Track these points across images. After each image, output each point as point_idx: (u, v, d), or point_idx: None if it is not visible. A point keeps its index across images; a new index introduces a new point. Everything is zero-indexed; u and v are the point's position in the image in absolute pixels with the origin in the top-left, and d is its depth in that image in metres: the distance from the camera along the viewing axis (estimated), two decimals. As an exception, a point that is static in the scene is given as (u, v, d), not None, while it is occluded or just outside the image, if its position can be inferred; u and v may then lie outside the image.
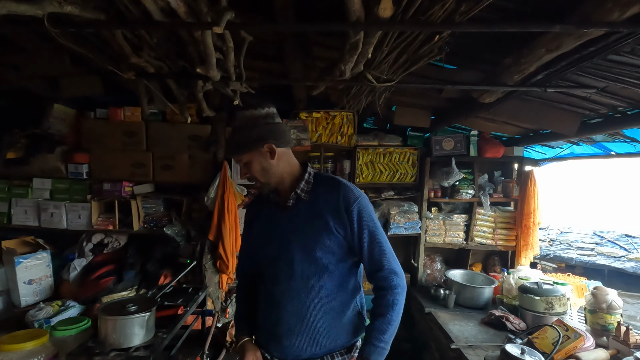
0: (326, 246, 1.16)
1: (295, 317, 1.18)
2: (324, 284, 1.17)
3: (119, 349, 1.33)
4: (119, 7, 1.19)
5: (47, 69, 2.23)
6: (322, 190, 1.20)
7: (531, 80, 1.68)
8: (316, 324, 1.17)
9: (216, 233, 2.64)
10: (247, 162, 1.17)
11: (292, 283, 1.18)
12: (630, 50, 1.44)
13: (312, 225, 1.17)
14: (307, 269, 1.17)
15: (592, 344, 1.93)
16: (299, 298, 1.18)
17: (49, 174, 2.75)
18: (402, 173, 2.95)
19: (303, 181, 1.20)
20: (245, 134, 1.14)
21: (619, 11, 1.05)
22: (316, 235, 1.16)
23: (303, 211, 1.19)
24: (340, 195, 1.16)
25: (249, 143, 1.13)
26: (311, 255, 1.16)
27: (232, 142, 1.17)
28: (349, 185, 1.21)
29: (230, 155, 1.20)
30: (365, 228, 1.16)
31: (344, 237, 1.17)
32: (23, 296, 2.35)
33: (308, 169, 1.24)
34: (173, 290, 1.89)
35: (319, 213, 1.16)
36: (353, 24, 1.17)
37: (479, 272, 3.01)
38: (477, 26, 1.19)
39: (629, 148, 2.36)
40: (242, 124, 1.15)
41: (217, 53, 1.47)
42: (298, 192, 1.19)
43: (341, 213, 1.15)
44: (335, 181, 1.22)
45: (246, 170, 1.19)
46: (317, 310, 1.17)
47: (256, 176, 1.18)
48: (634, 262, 4.06)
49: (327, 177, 1.26)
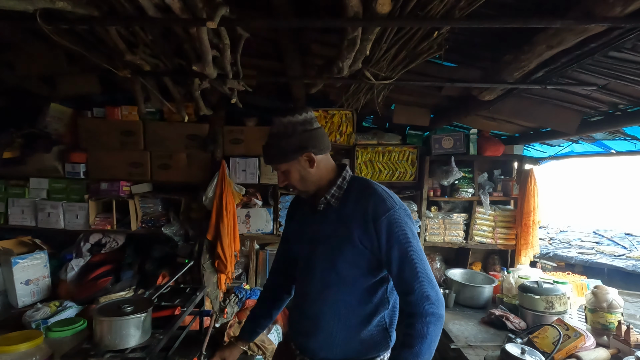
0: (349, 258, 1.09)
1: (312, 322, 1.16)
2: (343, 296, 1.12)
3: (114, 350, 1.31)
4: (113, 2, 1.17)
5: (43, 67, 2.21)
6: (353, 198, 1.12)
7: (531, 78, 1.66)
8: (332, 333, 1.13)
9: (214, 232, 2.63)
10: (285, 171, 1.13)
11: (312, 289, 1.16)
12: (631, 46, 1.42)
13: (336, 235, 1.11)
14: (326, 278, 1.13)
15: (593, 344, 1.91)
16: (317, 305, 1.15)
17: (45, 174, 2.73)
18: (402, 172, 2.94)
19: (335, 187, 1.14)
20: (283, 142, 1.09)
21: (621, 6, 1.04)
22: (339, 245, 1.10)
23: (331, 218, 1.14)
24: (369, 205, 1.07)
25: (288, 153, 1.09)
26: (333, 265, 1.11)
27: (270, 150, 1.13)
28: (383, 193, 1.10)
29: (268, 164, 1.16)
30: (396, 244, 1.04)
31: (370, 250, 1.08)
32: (20, 297, 2.34)
33: (343, 173, 1.17)
34: (170, 291, 1.87)
35: (345, 222, 1.10)
36: (351, 20, 1.16)
37: (479, 271, 3.00)
38: (476, 22, 1.17)
39: (630, 146, 2.34)
40: (280, 131, 1.10)
41: (214, 50, 1.46)
42: (328, 197, 1.14)
43: (368, 225, 1.06)
44: (369, 189, 1.12)
45: (284, 178, 1.15)
46: (334, 320, 1.13)
47: (294, 185, 1.15)
48: (634, 261, 4.04)
49: (362, 182, 1.16)
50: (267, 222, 2.91)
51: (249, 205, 2.89)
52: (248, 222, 2.90)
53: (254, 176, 2.82)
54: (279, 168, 1.14)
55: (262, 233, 2.93)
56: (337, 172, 1.18)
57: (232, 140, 2.78)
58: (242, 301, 2.72)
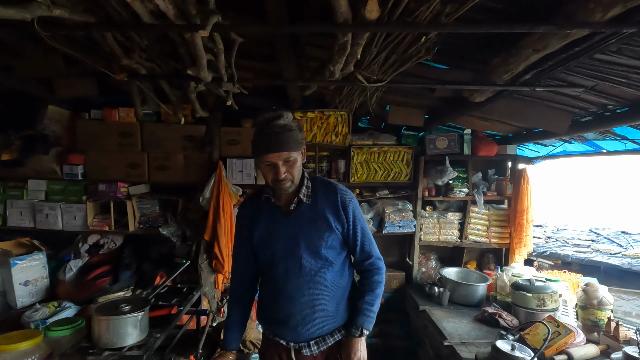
0: (328, 243, 1.30)
1: (308, 307, 1.30)
2: (328, 275, 1.32)
3: (112, 348, 1.34)
4: (109, 9, 1.20)
5: (41, 70, 2.23)
6: (321, 194, 1.33)
7: (520, 80, 1.69)
8: (326, 309, 1.32)
9: (212, 233, 2.65)
10: (293, 160, 1.24)
11: (302, 279, 1.30)
12: (616, 49, 1.46)
13: (316, 226, 1.30)
14: (314, 265, 1.30)
15: (583, 340, 1.95)
16: (310, 291, 1.30)
17: (44, 175, 2.75)
18: (397, 172, 2.97)
19: (304, 186, 1.32)
20: (294, 133, 1.21)
21: (601, 12, 1.07)
22: (320, 234, 1.30)
23: (306, 213, 1.31)
24: (338, 197, 1.32)
25: (298, 143, 1.23)
26: (316, 252, 1.30)
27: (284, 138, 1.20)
28: (342, 187, 1.37)
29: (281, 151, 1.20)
30: (358, 224, 1.34)
31: (341, 233, 1.33)
32: (19, 297, 2.36)
33: (305, 174, 1.35)
34: (168, 290, 1.90)
35: (321, 214, 1.30)
36: (341, 26, 1.19)
37: (473, 270, 3.03)
38: (463, 27, 1.20)
39: (620, 146, 2.38)
40: (287, 124, 1.21)
41: (208, 54, 1.48)
42: (301, 196, 1.31)
43: (340, 213, 1.31)
44: (331, 185, 1.36)
45: (287, 169, 1.23)
46: (326, 297, 1.31)
47: (295, 175, 1.26)
48: (630, 259, 4.09)
49: (321, 180, 1.39)
50: (263, 222, 2.93)
51: (246, 205, 2.91)
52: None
53: (251, 177, 2.84)
54: (289, 157, 1.22)
55: (259, 233, 2.95)
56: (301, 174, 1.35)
57: (229, 141, 2.81)
58: (240, 300, 2.75)
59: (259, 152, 1.21)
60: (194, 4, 1.16)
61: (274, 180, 1.24)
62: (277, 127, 1.19)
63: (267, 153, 1.19)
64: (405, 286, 3.12)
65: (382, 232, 2.96)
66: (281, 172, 1.21)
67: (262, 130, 1.21)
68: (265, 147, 1.20)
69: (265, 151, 1.20)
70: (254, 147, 1.24)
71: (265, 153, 1.20)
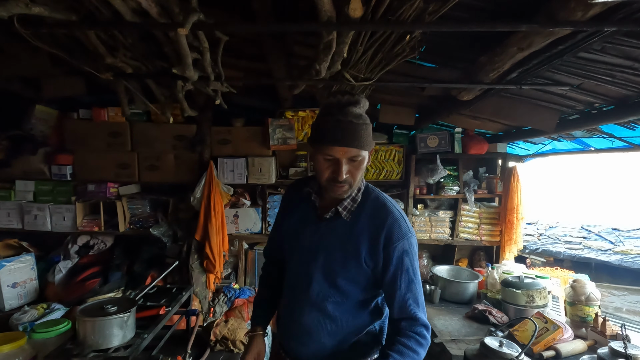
0: (351, 276, 1.06)
1: (305, 331, 1.12)
2: (339, 308, 1.08)
3: (97, 349, 1.33)
4: (90, 7, 1.19)
5: (27, 69, 2.20)
6: (367, 214, 1.06)
7: (507, 78, 1.70)
8: (324, 343, 1.10)
9: (203, 233, 2.64)
10: (360, 161, 1.00)
11: (307, 298, 1.10)
12: (600, 48, 1.47)
13: (342, 250, 1.05)
14: (324, 291, 1.08)
15: (571, 335, 1.97)
16: (310, 315, 1.10)
17: (31, 176, 2.73)
18: (388, 171, 2.98)
19: (349, 198, 1.07)
20: (369, 129, 0.99)
21: (581, 11, 1.08)
22: (344, 261, 1.05)
23: (338, 230, 1.07)
24: (384, 227, 1.02)
25: (371, 141, 1.00)
26: (332, 280, 1.07)
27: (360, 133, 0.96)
28: (399, 217, 1.05)
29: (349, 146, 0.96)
30: (404, 273, 1.02)
31: (372, 270, 1.05)
32: (7, 300, 2.34)
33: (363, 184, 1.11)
34: (157, 291, 1.89)
35: (354, 239, 1.04)
36: (325, 24, 1.19)
37: (465, 268, 3.05)
38: (446, 25, 1.21)
39: (607, 143, 2.41)
40: (363, 114, 0.99)
41: (194, 53, 1.48)
42: (340, 209, 1.06)
43: (378, 247, 1.02)
44: (385, 208, 1.06)
45: (350, 169, 0.99)
46: (327, 330, 1.10)
47: (357, 177, 1.02)
48: (620, 255, 4.13)
49: (378, 198, 1.09)
50: (255, 222, 2.93)
51: (237, 205, 2.91)
52: (237, 222, 2.92)
53: (242, 176, 2.83)
54: (357, 156, 0.98)
55: (250, 233, 2.95)
56: None
57: (220, 140, 2.80)
58: (231, 300, 2.75)
59: (323, 140, 0.97)
60: (177, 2, 1.16)
61: (330, 179, 1.00)
62: (352, 116, 0.95)
63: (334, 145, 0.95)
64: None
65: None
66: (342, 171, 0.97)
67: (333, 115, 0.95)
68: (332, 137, 0.95)
69: (332, 141, 0.95)
70: (317, 133, 1.00)
71: (332, 144, 0.95)
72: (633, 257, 4.03)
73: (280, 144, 2.75)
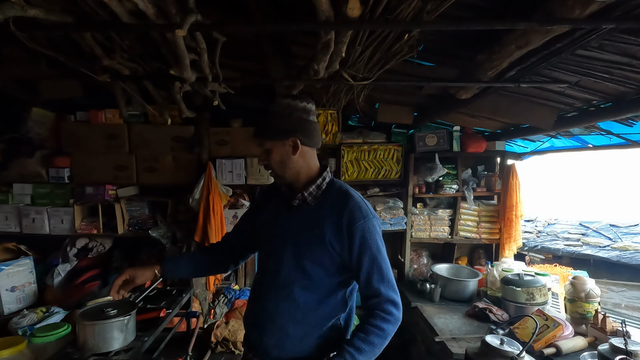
0: (317, 257, 1.11)
1: (268, 317, 1.15)
2: (304, 293, 1.13)
3: (98, 353, 1.32)
4: (86, 9, 1.18)
5: (23, 72, 2.19)
6: (331, 200, 1.14)
7: (505, 76, 1.70)
8: (287, 329, 1.13)
9: (202, 234, 2.63)
10: (268, 149, 1.14)
11: (274, 284, 1.16)
12: (598, 45, 1.48)
13: (308, 233, 1.12)
14: (291, 274, 1.13)
15: (571, 332, 1.97)
16: (276, 301, 1.15)
17: (29, 179, 2.70)
18: (387, 170, 2.98)
19: (314, 185, 1.15)
20: (276, 121, 1.11)
21: (579, 8, 1.08)
22: (309, 244, 1.12)
23: (305, 216, 1.15)
24: (346, 210, 1.09)
25: (277, 132, 1.11)
26: (299, 263, 1.12)
27: (262, 124, 1.13)
28: (360, 201, 1.13)
29: (255, 137, 1.15)
30: (367, 251, 1.08)
31: (338, 253, 1.10)
32: (6, 303, 2.32)
33: (324, 174, 1.18)
34: (157, 293, 1.88)
35: (319, 222, 1.11)
36: (323, 24, 1.18)
37: (464, 266, 3.06)
38: (444, 24, 1.21)
39: (605, 140, 2.41)
40: (277, 110, 1.12)
41: (192, 54, 1.47)
42: (305, 194, 1.15)
43: (342, 229, 1.08)
44: (346, 194, 1.14)
45: (265, 157, 1.16)
46: (291, 317, 1.13)
47: (273, 166, 1.15)
48: (618, 251, 4.16)
49: (341, 187, 1.18)
50: (255, 223, 2.92)
51: (237, 206, 2.90)
52: (236, 222, 2.90)
53: (241, 177, 2.83)
54: (263, 145, 1.14)
55: (250, 233, 2.94)
56: (319, 172, 1.19)
57: (218, 141, 2.78)
58: (231, 302, 2.74)
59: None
60: (174, 3, 1.15)
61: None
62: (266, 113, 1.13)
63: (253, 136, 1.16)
64: (397, 283, 3.12)
65: (374, 230, 2.96)
66: (260, 158, 1.17)
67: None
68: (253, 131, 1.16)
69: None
70: None
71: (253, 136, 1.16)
72: (631, 253, 4.05)
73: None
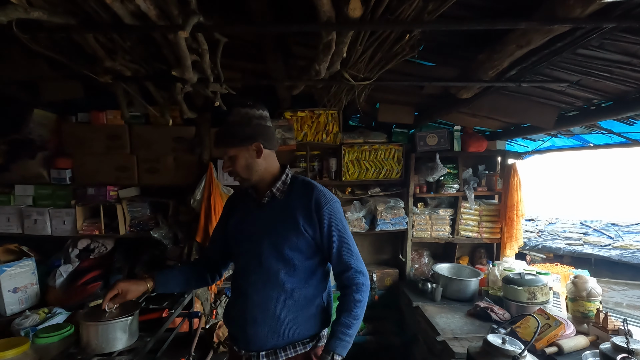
0: (294, 244, 1.23)
1: (259, 308, 1.24)
2: (289, 278, 1.24)
3: (101, 354, 1.33)
4: (88, 11, 1.18)
5: (24, 74, 2.19)
6: (296, 192, 1.27)
7: (505, 76, 1.71)
8: (279, 315, 1.23)
9: (203, 235, 2.64)
10: (232, 156, 1.22)
11: (260, 276, 1.25)
12: (598, 44, 1.48)
13: (283, 224, 1.24)
14: (274, 264, 1.24)
15: (573, 331, 1.97)
16: (265, 290, 1.24)
17: (31, 180, 2.71)
18: (388, 169, 2.98)
19: (279, 181, 1.28)
20: (237, 129, 1.20)
21: (580, 7, 1.08)
22: (286, 233, 1.23)
23: (276, 209, 1.27)
24: (312, 198, 1.24)
25: (240, 139, 1.20)
26: (279, 252, 1.23)
27: (224, 135, 1.22)
28: (322, 189, 1.29)
29: (219, 147, 1.23)
30: (335, 230, 1.24)
31: (312, 237, 1.24)
32: (8, 305, 2.32)
33: (286, 171, 1.32)
34: (159, 293, 1.89)
35: (291, 213, 1.24)
36: (324, 25, 1.19)
37: (466, 265, 3.06)
38: (445, 24, 1.21)
39: (606, 139, 2.41)
40: (236, 120, 1.21)
41: (193, 55, 1.47)
42: (274, 190, 1.27)
43: (312, 214, 1.23)
44: (310, 185, 1.29)
45: (230, 164, 1.24)
46: (281, 302, 1.23)
47: (238, 171, 1.24)
48: (620, 250, 4.16)
49: (303, 180, 1.33)
50: (256, 223, 2.92)
51: (238, 206, 2.90)
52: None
53: (242, 177, 2.83)
54: (227, 152, 1.22)
55: (251, 234, 2.94)
56: (281, 170, 1.32)
57: (219, 142, 2.79)
58: (233, 302, 2.74)
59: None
60: (176, 4, 1.15)
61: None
62: (225, 123, 1.22)
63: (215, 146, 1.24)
64: (398, 283, 3.13)
65: (375, 229, 2.97)
66: (225, 165, 1.25)
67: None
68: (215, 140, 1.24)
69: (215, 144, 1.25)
70: None
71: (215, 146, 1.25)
72: (632, 252, 4.05)
73: (280, 145, 2.75)
